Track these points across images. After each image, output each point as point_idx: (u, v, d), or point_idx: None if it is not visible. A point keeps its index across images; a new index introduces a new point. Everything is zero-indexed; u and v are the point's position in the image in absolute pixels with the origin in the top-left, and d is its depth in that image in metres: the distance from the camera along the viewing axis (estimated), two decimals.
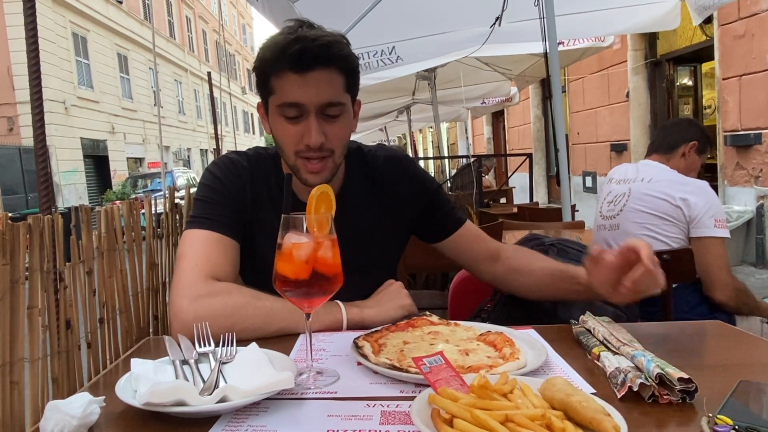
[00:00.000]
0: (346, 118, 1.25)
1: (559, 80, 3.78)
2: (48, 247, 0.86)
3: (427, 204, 1.43)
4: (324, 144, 1.21)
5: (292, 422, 0.77)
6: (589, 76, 9.69)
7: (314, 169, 1.23)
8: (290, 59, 1.15)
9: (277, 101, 1.21)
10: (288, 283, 0.88)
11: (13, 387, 0.77)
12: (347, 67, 1.22)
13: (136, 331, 1.23)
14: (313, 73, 1.17)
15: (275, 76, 1.19)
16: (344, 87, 1.23)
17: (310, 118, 1.19)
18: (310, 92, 1.18)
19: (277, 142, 1.27)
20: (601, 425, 0.65)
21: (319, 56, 1.16)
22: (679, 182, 2.17)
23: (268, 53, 1.20)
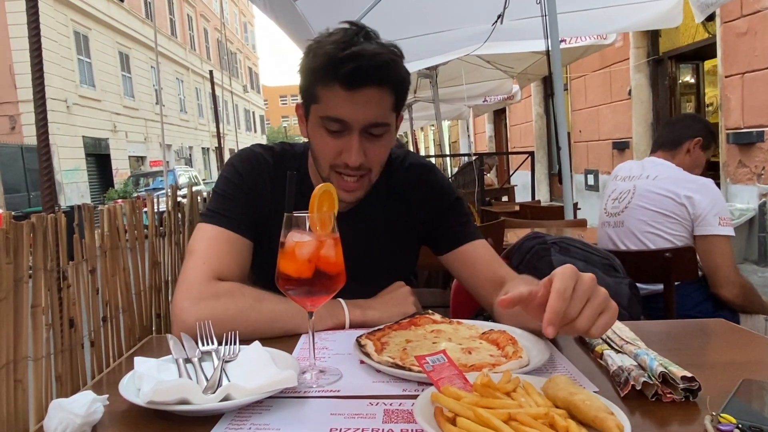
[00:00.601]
0: (388, 138, 1.21)
1: (561, 78, 3.78)
2: (51, 246, 0.86)
3: (441, 213, 1.37)
4: (363, 163, 1.17)
5: (295, 421, 0.77)
6: (591, 74, 9.67)
7: (349, 188, 1.21)
8: (342, 76, 1.10)
9: (321, 112, 1.16)
10: (291, 281, 0.88)
11: (17, 385, 0.77)
12: (399, 87, 1.18)
13: (139, 329, 1.23)
14: (363, 90, 1.12)
15: (322, 85, 1.14)
16: (392, 106, 1.18)
17: (352, 136, 1.15)
18: (357, 111, 1.13)
19: (314, 152, 1.23)
20: (605, 423, 0.65)
21: (372, 77, 1.11)
22: (684, 180, 2.17)
23: (318, 61, 1.13)
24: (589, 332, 0.83)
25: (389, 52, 1.14)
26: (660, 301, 2.03)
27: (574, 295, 0.81)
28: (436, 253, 1.40)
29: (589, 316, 0.82)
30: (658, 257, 1.95)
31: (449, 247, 1.36)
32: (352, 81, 1.10)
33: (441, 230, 1.37)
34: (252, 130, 46.27)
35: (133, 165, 22.58)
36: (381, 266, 1.35)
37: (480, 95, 9.46)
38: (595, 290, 0.84)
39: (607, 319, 0.84)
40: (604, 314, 0.84)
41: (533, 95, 12.38)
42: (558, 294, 0.80)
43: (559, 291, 0.80)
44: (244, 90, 42.93)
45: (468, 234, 1.36)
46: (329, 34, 1.15)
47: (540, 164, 11.74)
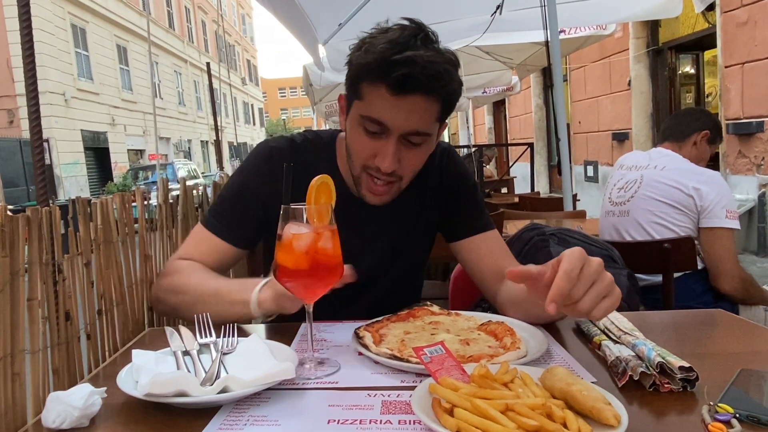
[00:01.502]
0: (426, 147, 1.18)
1: (560, 69, 3.76)
2: (47, 239, 0.86)
3: (458, 200, 1.36)
4: (396, 170, 1.15)
5: (294, 412, 0.77)
6: (590, 65, 9.64)
7: (377, 191, 1.19)
8: (391, 80, 1.05)
9: (362, 111, 1.12)
10: (288, 273, 0.88)
11: (14, 378, 0.77)
12: (448, 97, 1.13)
13: (132, 322, 1.23)
14: (410, 97, 1.07)
15: (369, 84, 1.10)
16: (437, 115, 1.14)
17: (390, 140, 1.11)
18: (400, 117, 1.09)
19: (348, 148, 1.21)
20: (602, 414, 0.65)
21: (422, 84, 1.06)
22: (693, 171, 2.16)
23: (368, 59, 1.08)
24: (591, 314, 0.83)
25: (445, 60, 1.09)
26: (660, 292, 2.03)
27: (581, 277, 0.81)
28: (448, 240, 1.39)
29: (592, 298, 0.82)
30: (657, 248, 1.95)
31: (461, 236, 1.35)
32: (400, 87, 1.06)
33: (456, 218, 1.36)
34: (251, 122, 46.18)
35: (132, 158, 22.55)
36: (402, 254, 1.37)
37: (479, 86, 9.42)
38: (602, 274, 0.84)
39: (609, 303, 0.84)
40: (607, 298, 0.84)
41: (533, 86, 12.34)
42: (565, 274, 0.80)
43: (566, 271, 0.80)
44: (243, 82, 42.78)
45: (481, 225, 1.35)
46: (385, 30, 1.10)
47: (539, 156, 11.73)
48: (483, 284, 1.33)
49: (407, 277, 1.46)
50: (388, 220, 1.33)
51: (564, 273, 0.80)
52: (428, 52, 1.06)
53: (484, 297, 1.55)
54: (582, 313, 0.83)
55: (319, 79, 6.83)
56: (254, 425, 0.74)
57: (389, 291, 1.39)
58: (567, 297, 0.81)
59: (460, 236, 1.35)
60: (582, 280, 0.82)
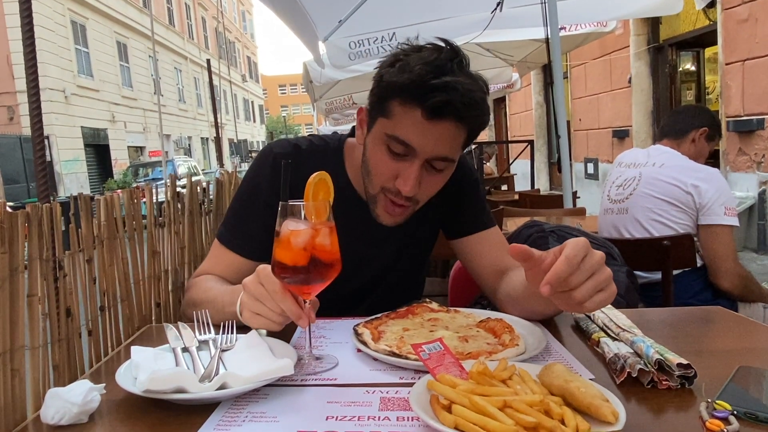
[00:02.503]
0: (447, 172, 1.16)
1: (560, 66, 3.75)
2: (47, 236, 0.86)
3: (461, 197, 1.35)
4: (416, 195, 1.13)
5: (292, 409, 0.78)
6: (591, 62, 9.62)
7: (393, 212, 1.17)
8: (428, 105, 1.03)
9: (389, 130, 1.08)
10: (286, 269, 0.88)
11: (14, 374, 0.77)
12: (477, 126, 1.13)
13: (138, 319, 1.23)
14: (442, 123, 1.05)
15: (401, 103, 1.06)
16: (463, 143, 1.13)
17: (414, 164, 1.09)
18: (429, 142, 1.07)
19: (367, 166, 1.17)
20: (600, 410, 0.66)
21: (458, 112, 1.04)
22: (691, 168, 2.16)
23: (404, 78, 1.04)
24: (584, 305, 0.83)
25: (480, 89, 1.08)
26: (659, 289, 2.03)
27: (581, 266, 0.81)
28: (449, 237, 1.39)
29: (589, 289, 0.82)
30: (657, 245, 1.95)
31: (462, 233, 1.35)
32: (437, 112, 1.03)
33: (457, 215, 1.36)
34: (251, 119, 46.15)
35: (132, 155, 22.54)
36: (407, 255, 1.38)
37: None
38: (602, 268, 0.84)
39: (604, 297, 0.84)
40: (602, 292, 0.84)
41: (533, 83, 12.32)
42: (567, 259, 0.80)
43: (568, 257, 0.80)
44: (243, 79, 42.72)
45: (482, 222, 1.34)
46: (419, 49, 1.08)
47: (539, 153, 11.72)
48: (483, 281, 1.32)
49: (411, 275, 1.46)
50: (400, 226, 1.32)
51: (566, 258, 0.80)
52: (466, 80, 1.05)
53: (484, 294, 1.56)
54: (575, 301, 0.82)
55: (319, 76, 6.82)
56: (253, 421, 0.74)
57: (393, 290, 1.39)
58: (564, 283, 0.81)
59: (461, 233, 1.35)
60: (582, 269, 0.81)
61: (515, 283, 1.15)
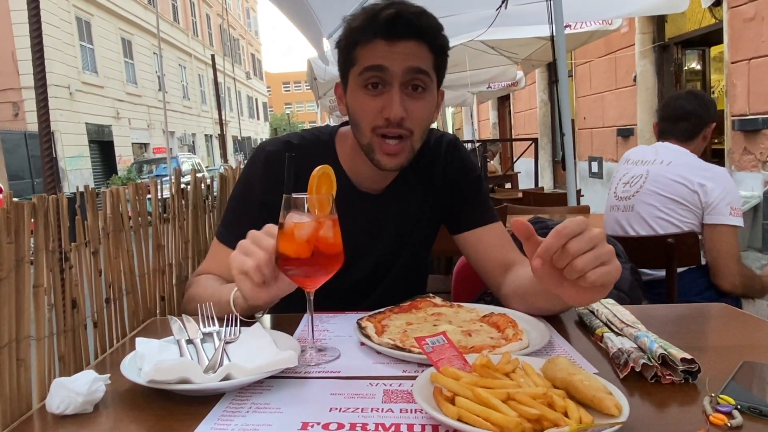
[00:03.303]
0: (429, 97, 1.19)
1: (565, 64, 3.75)
2: (53, 227, 0.86)
3: (463, 192, 1.36)
4: (404, 121, 1.14)
5: (296, 400, 0.78)
6: (596, 60, 9.59)
7: (391, 150, 1.17)
8: (382, 24, 1.11)
9: (360, 68, 1.15)
10: (289, 262, 0.88)
11: (19, 364, 0.78)
12: (438, 44, 1.17)
13: (143, 311, 1.24)
14: (403, 42, 1.12)
15: (362, 44, 1.15)
16: (432, 64, 1.17)
17: (392, 89, 1.13)
18: (397, 58, 1.12)
19: (354, 119, 1.20)
20: (603, 403, 0.66)
21: (411, 25, 1.12)
22: (699, 167, 2.15)
23: (356, 22, 1.16)
24: (587, 276, 0.81)
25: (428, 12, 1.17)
26: (663, 286, 2.03)
27: (581, 237, 0.80)
28: (452, 232, 1.39)
29: (590, 258, 0.81)
30: (661, 242, 1.95)
31: (465, 228, 1.35)
32: (392, 29, 1.11)
33: (460, 210, 1.36)
34: (255, 117, 46.18)
35: (137, 152, 22.58)
36: (407, 248, 1.38)
37: (484, 81, 9.39)
38: (603, 242, 0.82)
39: (607, 269, 0.82)
40: (605, 265, 0.82)
41: (537, 82, 12.29)
42: (556, 231, 0.80)
43: (557, 229, 0.80)
44: (247, 77, 42.74)
45: (485, 217, 1.35)
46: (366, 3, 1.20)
47: (544, 151, 11.70)
48: (487, 276, 1.33)
49: (413, 271, 1.46)
50: (393, 214, 1.34)
51: (555, 231, 0.81)
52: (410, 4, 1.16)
53: (487, 290, 1.56)
54: (578, 269, 0.80)
55: (323, 73, 6.83)
56: (256, 412, 0.74)
57: (395, 286, 1.38)
58: (564, 255, 0.81)
59: (464, 228, 1.35)
60: (582, 239, 0.80)
61: (522, 278, 1.15)
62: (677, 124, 2.29)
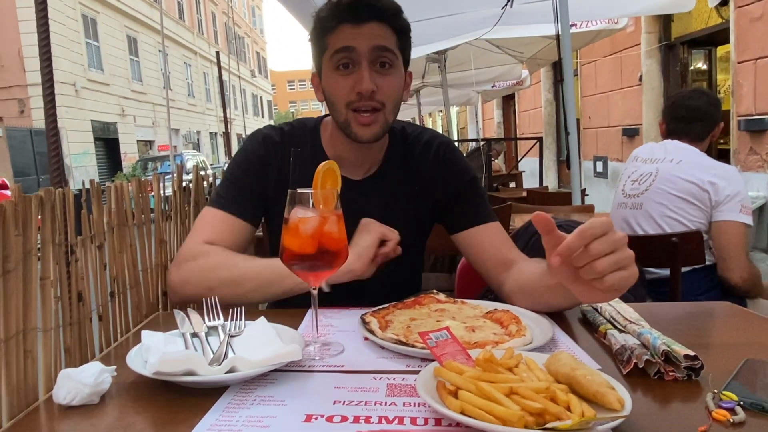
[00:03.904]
0: (397, 74, 1.27)
1: (571, 63, 3.74)
2: (60, 220, 0.87)
3: (457, 192, 1.38)
4: (375, 94, 1.22)
5: (300, 393, 0.78)
6: (601, 59, 9.57)
7: (365, 121, 1.23)
8: (345, 10, 1.21)
9: (330, 52, 1.23)
10: (294, 256, 0.89)
11: (26, 355, 0.78)
12: (399, 25, 1.26)
13: (146, 306, 1.24)
14: (366, 24, 1.21)
15: (330, 32, 1.23)
16: (396, 44, 1.26)
17: (362, 66, 1.21)
18: (363, 38, 1.21)
19: (329, 100, 1.28)
20: (606, 398, 0.66)
21: (372, 7, 1.22)
22: (709, 166, 2.14)
23: (324, 12, 1.25)
24: (605, 279, 0.80)
25: None
26: (667, 285, 2.02)
27: (604, 239, 0.79)
28: (449, 232, 1.40)
29: (610, 261, 0.79)
30: (665, 241, 1.95)
31: (462, 227, 1.36)
32: (355, 13, 1.21)
33: (456, 210, 1.37)
34: (260, 115, 46.23)
35: (142, 149, 22.65)
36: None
37: (489, 80, 9.38)
38: (625, 247, 0.82)
39: (626, 275, 0.81)
40: (624, 270, 0.81)
41: (543, 81, 12.27)
42: (581, 231, 0.79)
43: (582, 230, 0.79)
44: (252, 75, 42.80)
45: (482, 216, 1.36)
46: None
47: (548, 150, 11.67)
48: (488, 275, 1.33)
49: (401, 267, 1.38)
50: (374, 202, 1.34)
51: (579, 231, 0.79)
52: None
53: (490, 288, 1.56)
54: (597, 271, 0.79)
55: None
56: (261, 405, 0.75)
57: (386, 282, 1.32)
58: (584, 254, 0.80)
59: (461, 227, 1.36)
60: (604, 241, 0.79)
61: (528, 274, 1.15)
62: (691, 124, 2.27)
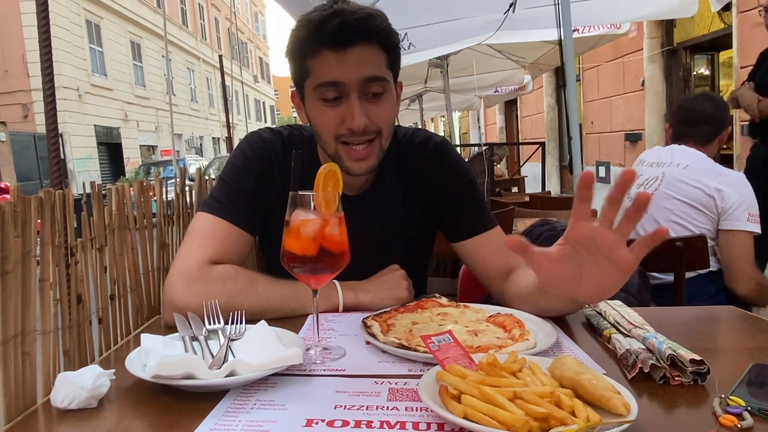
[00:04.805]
0: (389, 98, 1.17)
1: (573, 68, 3.74)
2: (59, 222, 0.86)
3: (456, 197, 1.32)
4: (368, 126, 1.12)
5: (300, 397, 0.78)
6: (604, 65, 9.57)
7: (359, 155, 1.15)
8: (328, 36, 1.08)
9: (314, 83, 1.13)
10: (295, 259, 0.88)
11: (24, 358, 0.78)
12: (388, 42, 1.15)
13: (147, 309, 1.24)
14: (352, 49, 1.09)
15: (311, 56, 1.12)
16: (386, 64, 1.15)
17: (351, 98, 1.11)
18: (350, 69, 1.10)
19: (316, 129, 1.19)
20: (611, 402, 0.65)
21: (358, 31, 1.09)
22: (716, 172, 2.12)
23: (302, 32, 1.12)
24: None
25: (371, 9, 1.13)
26: (671, 291, 2.01)
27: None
28: (450, 240, 1.37)
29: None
30: (669, 246, 1.93)
31: (464, 237, 1.32)
32: (338, 39, 1.08)
33: (456, 218, 1.33)
34: (262, 120, 46.35)
35: (144, 154, 22.71)
36: (398, 250, 1.34)
37: (491, 86, 9.39)
38: None
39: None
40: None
41: (545, 86, 12.27)
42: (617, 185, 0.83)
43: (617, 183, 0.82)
44: (255, 80, 42.95)
45: (482, 223, 1.32)
46: (309, 12, 1.14)
47: (551, 156, 11.66)
48: (489, 283, 1.31)
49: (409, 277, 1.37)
50: (370, 217, 1.30)
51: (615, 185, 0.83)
52: (352, 6, 1.12)
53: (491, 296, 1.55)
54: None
55: None
56: (261, 409, 0.74)
57: None
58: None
59: (463, 237, 1.32)
60: None
61: (526, 281, 1.13)
62: (697, 128, 2.25)
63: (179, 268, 1.12)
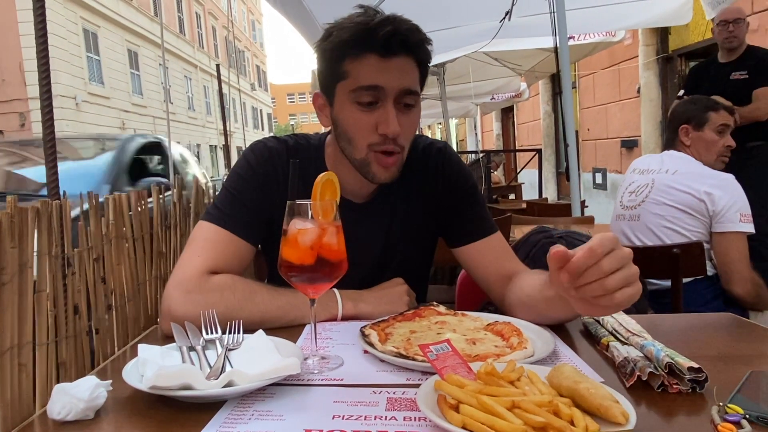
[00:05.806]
0: (417, 112, 1.20)
1: (569, 76, 3.75)
2: (56, 232, 0.86)
3: (457, 203, 1.33)
4: (398, 137, 1.14)
5: (298, 408, 0.77)
6: (599, 72, 9.61)
7: (388, 163, 1.17)
8: (379, 41, 1.09)
9: (352, 85, 1.14)
10: (293, 268, 0.88)
11: (21, 369, 0.77)
12: (425, 58, 1.19)
13: (144, 319, 1.23)
14: (396, 58, 1.12)
15: (353, 58, 1.13)
16: (419, 79, 1.19)
17: (387, 105, 1.12)
18: (392, 77, 1.12)
19: (346, 135, 1.18)
20: (609, 412, 0.65)
21: (406, 41, 1.12)
22: (704, 175, 2.13)
23: (346, 34, 1.12)
24: (615, 296, 0.80)
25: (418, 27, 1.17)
26: (668, 296, 2.01)
27: (612, 256, 0.79)
28: (450, 245, 1.37)
29: (619, 278, 0.80)
30: (666, 252, 1.94)
31: (464, 242, 1.32)
32: (387, 46, 1.10)
33: (456, 223, 1.34)
34: (259, 128, 46.37)
35: None
36: (400, 258, 1.35)
37: (487, 93, 9.43)
38: (631, 263, 0.82)
39: (632, 292, 0.81)
40: (630, 287, 0.81)
41: (541, 93, 12.32)
42: (590, 249, 0.78)
43: (592, 247, 0.78)
44: (252, 88, 43.00)
45: (483, 228, 1.32)
46: (348, 16, 1.15)
47: (547, 162, 11.69)
48: (489, 288, 1.31)
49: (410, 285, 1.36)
50: (376, 224, 1.31)
51: (589, 248, 0.78)
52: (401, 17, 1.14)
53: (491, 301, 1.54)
54: (609, 288, 0.79)
55: None
56: (259, 419, 0.74)
57: None
58: (595, 270, 0.79)
59: (463, 242, 1.33)
60: (613, 257, 0.79)
61: (528, 287, 1.13)
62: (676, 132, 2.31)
63: (178, 277, 1.12)
